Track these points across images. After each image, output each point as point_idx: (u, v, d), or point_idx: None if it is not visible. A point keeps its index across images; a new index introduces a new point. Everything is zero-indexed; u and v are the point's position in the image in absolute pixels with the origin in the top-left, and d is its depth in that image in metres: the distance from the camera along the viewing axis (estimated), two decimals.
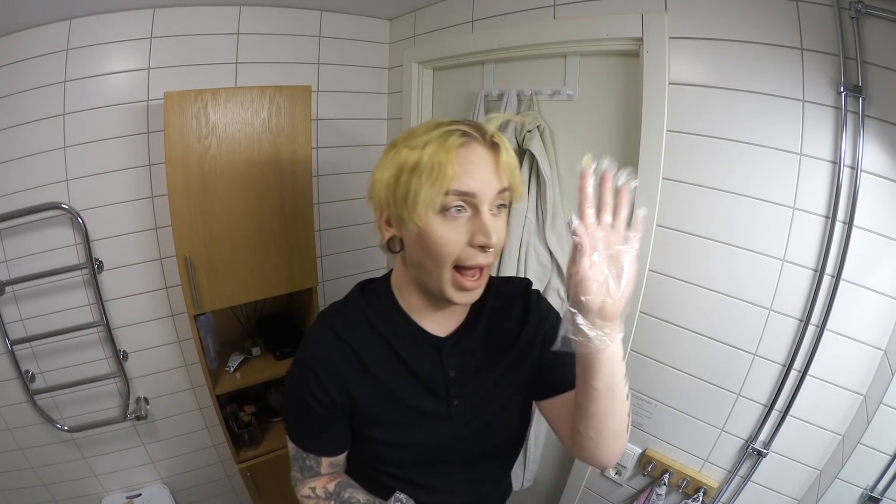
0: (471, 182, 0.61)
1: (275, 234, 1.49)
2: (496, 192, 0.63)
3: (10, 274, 1.38)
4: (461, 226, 0.62)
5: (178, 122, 1.26)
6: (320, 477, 0.77)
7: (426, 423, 0.73)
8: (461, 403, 0.74)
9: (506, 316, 0.79)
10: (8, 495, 1.57)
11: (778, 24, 0.88)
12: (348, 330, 0.72)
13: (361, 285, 0.79)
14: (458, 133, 0.61)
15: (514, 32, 1.31)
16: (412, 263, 0.68)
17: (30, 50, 1.28)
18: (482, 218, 0.62)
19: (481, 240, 0.62)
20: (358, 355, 0.71)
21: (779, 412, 0.98)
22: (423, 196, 0.60)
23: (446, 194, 0.60)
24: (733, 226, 0.99)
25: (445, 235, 0.62)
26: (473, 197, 0.61)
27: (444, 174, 0.59)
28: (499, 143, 0.64)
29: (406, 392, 0.72)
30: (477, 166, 0.62)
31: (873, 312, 0.86)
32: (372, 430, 0.73)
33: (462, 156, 0.61)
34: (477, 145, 0.62)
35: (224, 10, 1.46)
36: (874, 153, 0.82)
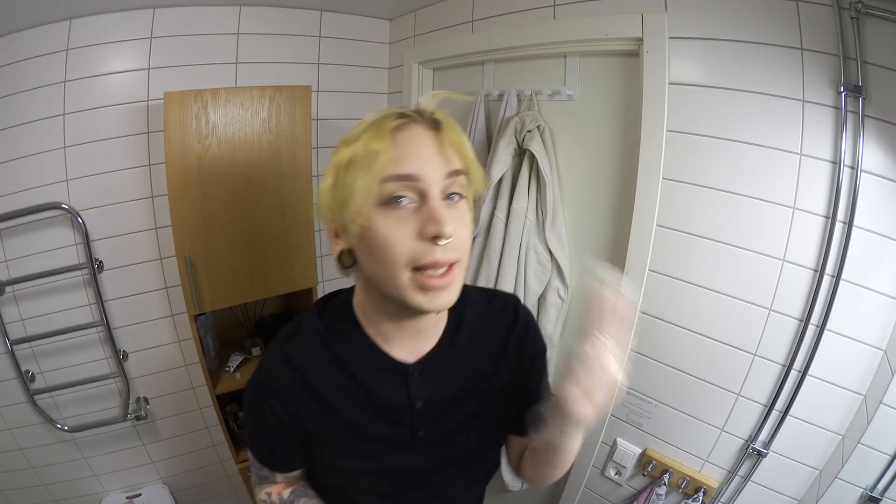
0: (411, 164, 0.53)
1: (275, 234, 1.49)
2: (444, 173, 0.54)
3: (10, 274, 1.38)
4: (407, 217, 0.53)
5: (178, 122, 1.26)
6: (277, 484, 0.75)
7: (388, 452, 0.67)
8: (427, 434, 0.67)
9: (487, 338, 0.71)
10: (8, 495, 1.57)
11: (778, 24, 0.88)
12: (301, 355, 0.65)
13: (322, 301, 0.71)
14: (394, 116, 0.55)
15: (514, 32, 1.31)
16: (367, 276, 0.60)
17: (30, 50, 1.28)
18: (430, 203, 0.53)
19: (431, 229, 0.52)
20: (310, 382, 0.64)
21: (779, 412, 0.98)
22: (358, 187, 0.53)
23: (384, 181, 0.52)
24: (733, 226, 0.99)
25: (390, 230, 0.53)
26: (417, 181, 0.53)
27: (378, 158, 0.52)
28: (441, 121, 0.57)
29: (365, 422, 0.65)
30: (417, 147, 0.54)
31: (873, 312, 0.86)
32: (329, 460, 0.69)
33: (399, 138, 0.54)
34: (416, 126, 0.56)
35: (224, 10, 1.47)
36: (874, 153, 0.82)
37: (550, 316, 1.34)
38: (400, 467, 0.69)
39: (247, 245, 1.45)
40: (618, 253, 1.22)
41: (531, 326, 0.75)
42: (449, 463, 0.71)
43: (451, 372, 0.67)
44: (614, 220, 1.24)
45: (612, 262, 1.26)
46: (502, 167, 1.27)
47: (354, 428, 0.65)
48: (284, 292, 1.59)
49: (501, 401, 0.72)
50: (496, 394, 0.71)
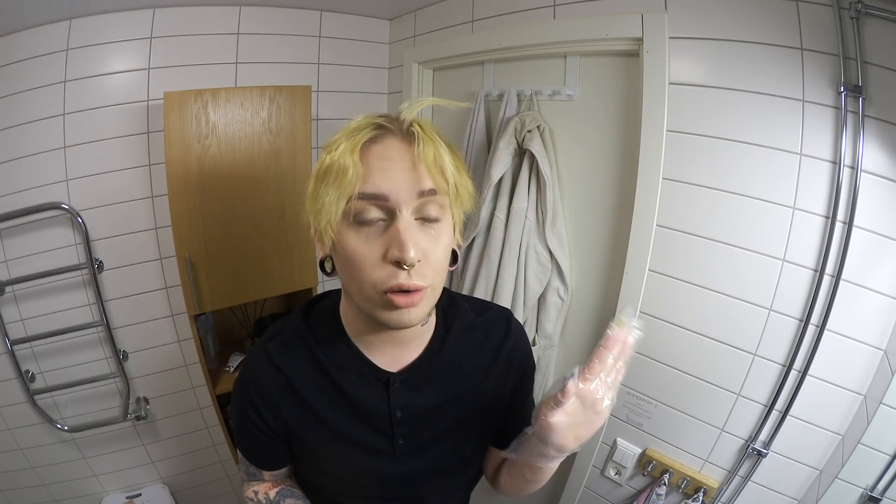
0: (380, 182, 0.51)
1: (275, 235, 1.49)
2: (416, 192, 0.51)
3: (10, 274, 1.38)
4: (376, 236, 0.52)
5: (178, 122, 1.26)
6: (264, 482, 0.75)
7: (368, 457, 0.67)
8: (406, 443, 0.67)
9: (475, 350, 0.69)
10: (8, 495, 1.57)
11: (778, 24, 0.88)
12: (284, 356, 0.65)
13: (309, 304, 0.71)
14: (371, 127, 0.53)
15: (514, 32, 1.31)
16: (343, 287, 0.60)
17: (30, 50, 1.28)
18: (398, 225, 0.51)
19: (394, 253, 0.50)
20: (292, 384, 0.64)
21: (779, 412, 0.98)
22: (328, 202, 0.51)
23: (351, 199, 0.51)
24: (733, 226, 0.99)
25: (358, 248, 0.52)
26: (386, 200, 0.51)
27: (346, 174, 0.50)
28: (415, 133, 0.53)
29: (345, 427, 0.65)
30: (388, 162, 0.51)
31: (873, 312, 0.86)
32: (312, 461, 0.70)
33: (372, 152, 0.52)
34: (391, 139, 0.53)
35: (224, 10, 1.46)
36: (874, 153, 0.82)
37: (550, 316, 1.34)
38: (381, 473, 0.68)
39: (247, 245, 1.45)
40: (618, 253, 1.22)
41: (522, 342, 0.74)
42: (429, 472, 0.70)
43: (435, 382, 0.67)
44: (614, 220, 1.24)
45: (612, 262, 1.26)
46: (502, 167, 1.27)
47: (335, 432, 0.65)
48: (284, 292, 1.59)
49: (485, 414, 0.71)
50: (480, 407, 0.70)
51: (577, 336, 1.38)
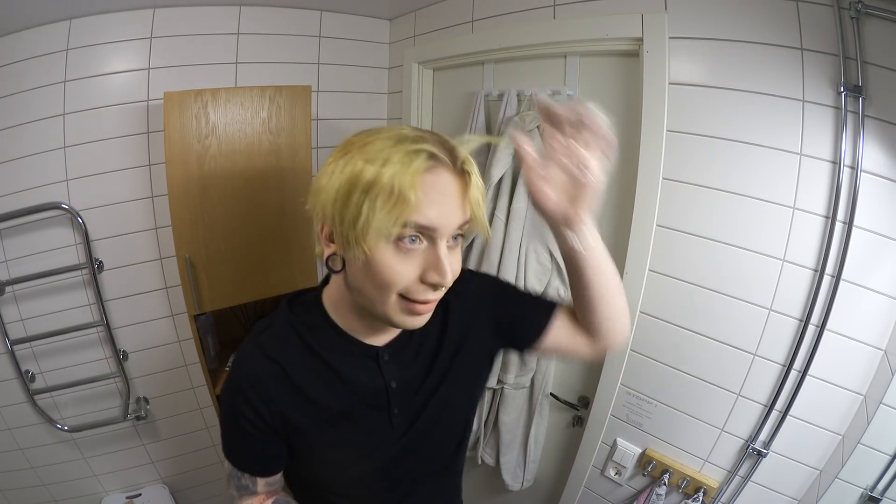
0: (433, 215, 0.54)
1: (275, 234, 1.49)
2: (457, 225, 0.56)
3: (10, 274, 1.38)
4: (415, 258, 0.56)
5: (178, 122, 1.26)
6: (256, 495, 0.72)
7: (368, 437, 0.69)
8: (402, 411, 0.70)
9: (451, 309, 0.74)
10: (8, 495, 1.57)
11: (778, 24, 0.88)
12: (276, 346, 0.66)
13: (290, 298, 0.72)
14: (426, 155, 0.53)
15: (514, 32, 1.31)
16: (353, 286, 0.61)
17: (30, 50, 1.28)
18: (439, 253, 0.55)
19: (434, 278, 0.56)
20: (287, 373, 0.65)
21: (779, 412, 0.98)
22: (376, 223, 0.52)
23: (404, 225, 0.53)
24: (733, 226, 0.99)
25: (395, 267, 0.55)
26: (433, 231, 0.55)
27: (406, 202, 0.51)
28: (469, 172, 0.56)
29: (342, 408, 0.67)
30: (442, 196, 0.54)
31: (873, 312, 0.86)
32: (312, 456, 0.69)
33: (427, 182, 0.53)
34: (445, 171, 0.55)
35: (224, 10, 1.46)
36: (874, 153, 0.82)
37: None
38: (381, 453, 0.70)
39: (247, 245, 1.45)
40: (618, 253, 1.22)
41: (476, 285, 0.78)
42: (425, 445, 0.73)
43: (422, 350, 0.71)
44: (614, 220, 1.24)
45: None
46: (502, 167, 1.27)
47: (332, 414, 0.67)
48: (284, 292, 1.59)
49: (473, 359, 0.76)
50: (468, 355, 0.75)
51: None
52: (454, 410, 0.76)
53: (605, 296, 0.69)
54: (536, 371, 1.39)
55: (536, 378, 1.40)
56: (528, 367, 1.37)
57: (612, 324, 0.73)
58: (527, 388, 1.43)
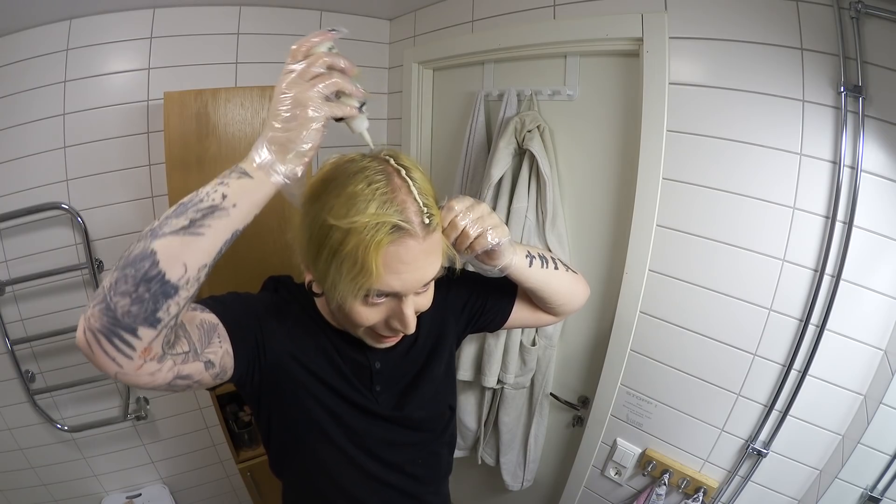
0: (396, 284, 0.58)
1: (274, 235, 1.48)
2: (424, 284, 0.61)
3: (10, 274, 1.38)
4: (381, 308, 0.62)
5: (178, 122, 1.26)
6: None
7: (355, 414, 0.72)
8: (385, 392, 0.75)
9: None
10: (8, 495, 1.57)
11: (778, 24, 0.88)
12: (285, 307, 0.71)
13: (274, 284, 0.78)
14: (389, 227, 0.54)
15: (514, 32, 1.31)
16: (331, 308, 0.67)
17: (30, 50, 1.28)
18: (403, 309, 0.61)
19: (397, 326, 0.63)
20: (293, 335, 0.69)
21: (779, 412, 0.98)
22: (342, 286, 0.57)
23: (367, 291, 0.58)
24: (733, 226, 0.99)
25: (363, 313, 0.61)
26: (396, 294, 0.60)
27: (367, 274, 0.55)
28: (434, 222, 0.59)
29: (333, 382, 0.70)
30: (406, 265, 0.57)
31: (873, 312, 0.86)
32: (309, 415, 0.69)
33: (390, 255, 0.56)
34: (410, 240, 0.56)
35: (224, 10, 1.47)
36: (874, 153, 0.82)
37: None
38: (367, 431, 0.73)
39: (246, 245, 1.44)
40: (618, 253, 1.22)
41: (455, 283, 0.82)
42: (412, 423, 0.77)
43: (404, 336, 0.73)
44: (614, 220, 1.24)
45: (612, 262, 1.26)
46: (502, 167, 1.27)
47: (324, 386, 0.70)
48: None
49: (449, 350, 0.82)
50: (444, 347, 0.81)
51: (577, 336, 1.38)
52: (436, 393, 0.81)
53: (549, 293, 0.80)
54: (536, 371, 1.39)
55: (536, 378, 1.40)
56: (528, 367, 1.37)
57: (566, 307, 0.85)
58: (527, 388, 1.43)
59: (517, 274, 0.73)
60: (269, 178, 0.51)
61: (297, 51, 0.53)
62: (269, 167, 0.51)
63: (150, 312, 0.45)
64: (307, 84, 0.51)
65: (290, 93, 0.51)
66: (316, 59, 0.52)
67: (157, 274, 0.45)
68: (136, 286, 0.44)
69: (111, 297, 0.44)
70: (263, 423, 0.73)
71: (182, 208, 0.49)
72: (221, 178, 0.51)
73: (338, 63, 0.54)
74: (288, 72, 0.52)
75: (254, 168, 0.51)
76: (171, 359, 0.51)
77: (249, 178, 0.51)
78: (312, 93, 0.51)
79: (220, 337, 0.60)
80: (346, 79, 0.54)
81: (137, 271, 0.44)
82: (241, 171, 0.51)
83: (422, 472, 0.81)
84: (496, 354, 1.36)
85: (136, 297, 0.44)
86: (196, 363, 0.55)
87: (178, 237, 0.47)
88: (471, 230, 0.63)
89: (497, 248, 0.66)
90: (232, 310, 0.64)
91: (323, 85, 0.52)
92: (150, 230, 0.47)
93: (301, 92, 0.51)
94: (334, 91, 0.53)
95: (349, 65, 0.55)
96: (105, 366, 0.45)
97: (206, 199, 0.50)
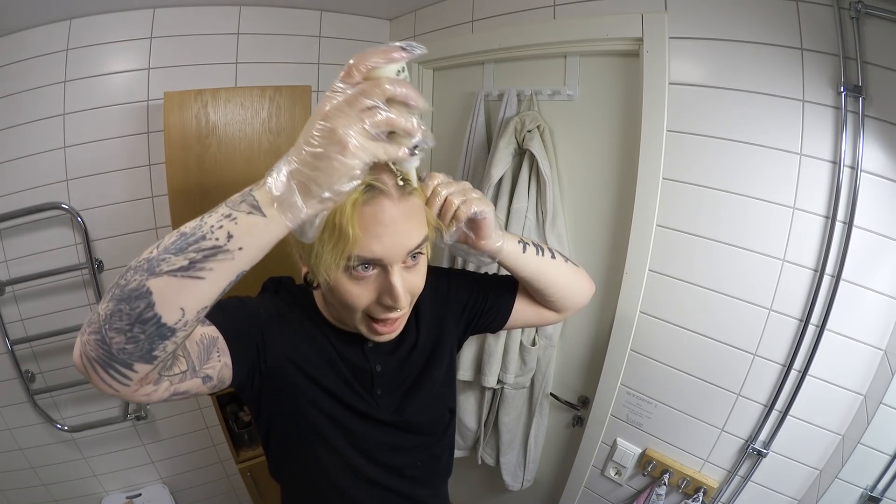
0: (377, 248, 0.55)
1: None
2: (409, 250, 0.58)
3: (10, 274, 1.38)
4: (370, 283, 0.59)
5: (178, 122, 1.26)
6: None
7: (354, 418, 0.71)
8: (385, 394, 0.74)
9: (422, 310, 0.78)
10: (8, 495, 1.57)
11: (778, 24, 0.88)
12: (286, 309, 0.70)
13: (275, 285, 0.76)
14: (363, 188, 0.52)
15: (514, 32, 1.31)
16: (327, 300, 0.67)
17: (30, 50, 1.28)
18: (391, 280, 0.57)
19: (388, 301, 0.59)
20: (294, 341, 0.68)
21: (779, 412, 0.98)
22: (325, 257, 0.54)
23: (349, 259, 0.55)
24: (733, 226, 0.99)
25: (352, 290, 0.59)
26: (380, 261, 0.57)
27: (345, 238, 0.52)
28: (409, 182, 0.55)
29: (333, 386, 0.69)
30: (384, 227, 0.54)
31: (873, 312, 0.86)
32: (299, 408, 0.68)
33: (367, 215, 0.53)
34: (385, 200, 0.54)
35: (224, 10, 1.46)
36: (874, 153, 0.82)
37: None
38: (368, 436, 0.72)
39: None
40: (618, 253, 1.22)
41: (453, 284, 0.82)
42: (413, 427, 0.76)
43: (405, 334, 0.74)
44: (614, 220, 1.24)
45: (612, 262, 1.26)
46: (502, 167, 1.27)
47: (324, 391, 0.69)
48: None
49: (449, 353, 0.81)
50: (444, 351, 0.79)
51: (577, 336, 1.38)
52: (437, 396, 0.80)
53: (546, 283, 0.77)
54: (536, 371, 1.39)
55: (536, 378, 1.40)
56: (528, 367, 1.37)
57: (567, 301, 0.82)
58: (527, 388, 1.43)
59: (511, 261, 0.71)
60: (284, 219, 0.44)
61: (354, 67, 0.44)
62: (286, 204, 0.44)
63: (146, 351, 0.43)
64: (354, 115, 0.42)
65: (329, 123, 0.42)
66: (375, 85, 0.43)
67: (153, 317, 0.42)
68: (130, 326, 0.41)
69: (106, 332, 0.42)
70: (263, 426, 0.73)
71: (183, 242, 0.44)
72: (231, 206, 0.45)
73: (403, 94, 0.44)
74: (335, 90, 0.43)
75: (268, 201, 0.44)
76: (167, 380, 0.50)
77: (261, 216, 0.44)
78: (357, 129, 0.42)
79: (220, 350, 0.58)
80: (406, 114, 0.45)
81: (133, 310, 0.41)
82: (252, 202, 0.45)
83: (421, 475, 0.81)
84: (496, 354, 1.36)
85: (131, 336, 0.42)
86: (194, 379, 0.54)
87: (175, 279, 0.42)
88: (455, 199, 0.62)
89: (481, 217, 0.64)
90: (232, 318, 0.63)
91: (373, 122, 0.43)
92: (146, 260, 0.43)
93: (344, 126, 0.41)
94: (386, 131, 0.45)
95: (416, 97, 0.46)
96: (102, 389, 0.45)
97: (210, 236, 0.44)
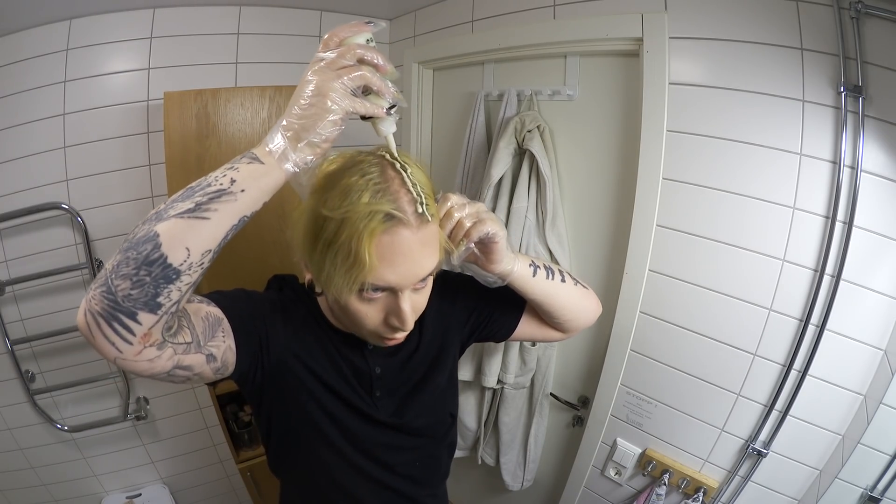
0: (391, 277, 0.56)
1: (274, 235, 1.49)
2: (420, 278, 0.59)
3: (10, 274, 1.38)
4: (378, 303, 0.60)
5: (178, 122, 1.26)
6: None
7: (354, 418, 0.71)
8: (384, 396, 0.74)
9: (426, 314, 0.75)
10: (8, 495, 1.57)
11: (778, 24, 0.88)
12: (291, 306, 0.70)
13: (279, 284, 0.77)
14: (382, 216, 0.53)
15: (514, 32, 1.31)
16: (333, 307, 0.68)
17: (30, 50, 1.28)
18: (400, 304, 0.59)
19: (395, 323, 0.60)
20: (299, 335, 0.68)
21: (779, 412, 0.98)
22: (337, 280, 0.55)
23: (362, 284, 0.56)
24: (734, 226, 0.99)
25: (361, 310, 0.60)
26: (392, 288, 0.58)
27: (362, 266, 0.53)
28: (432, 214, 0.58)
29: (335, 384, 0.70)
30: (400, 257, 0.56)
31: (873, 312, 0.86)
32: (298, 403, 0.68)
33: (384, 245, 0.54)
34: (404, 230, 0.55)
35: (224, 10, 1.47)
36: (874, 153, 0.82)
37: None
38: (367, 435, 0.72)
39: (246, 245, 1.45)
40: (618, 253, 1.22)
41: (458, 290, 0.82)
42: (412, 429, 0.76)
43: (405, 342, 0.73)
44: (614, 221, 1.24)
45: (612, 262, 1.26)
46: (502, 167, 1.27)
47: (325, 388, 0.69)
48: None
49: (451, 359, 0.81)
50: (447, 356, 0.79)
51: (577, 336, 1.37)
52: (437, 402, 0.80)
53: (555, 307, 0.78)
54: (536, 371, 1.39)
55: (536, 378, 1.40)
56: (528, 367, 1.37)
57: (574, 323, 0.83)
58: (527, 388, 1.43)
59: (520, 283, 0.72)
60: (280, 165, 0.50)
61: (329, 39, 0.51)
62: (280, 154, 0.49)
63: (151, 297, 0.44)
64: (333, 74, 0.49)
65: (314, 80, 0.49)
66: (347, 49, 0.50)
67: (159, 257, 0.44)
68: (137, 269, 0.44)
69: (112, 280, 0.44)
70: (263, 421, 0.73)
71: (189, 192, 0.48)
72: (232, 162, 0.50)
73: (371, 57, 0.51)
74: (317, 60, 0.50)
75: (265, 153, 0.50)
76: (171, 347, 0.50)
77: (260, 164, 0.49)
78: (336, 83, 0.49)
79: (224, 332, 0.59)
80: (377, 76, 0.52)
81: (139, 254, 0.44)
82: (252, 155, 0.50)
83: (420, 475, 0.81)
84: (496, 354, 1.36)
85: (136, 280, 0.43)
86: (198, 355, 0.54)
87: (182, 220, 0.46)
88: (466, 221, 0.62)
89: (492, 239, 0.64)
90: (238, 306, 0.63)
91: (349, 77, 0.49)
92: (155, 213, 0.47)
93: (324, 81, 0.49)
94: (361, 85, 0.51)
95: (384, 61, 0.53)
96: (104, 349, 0.45)
97: (215, 182, 0.48)
